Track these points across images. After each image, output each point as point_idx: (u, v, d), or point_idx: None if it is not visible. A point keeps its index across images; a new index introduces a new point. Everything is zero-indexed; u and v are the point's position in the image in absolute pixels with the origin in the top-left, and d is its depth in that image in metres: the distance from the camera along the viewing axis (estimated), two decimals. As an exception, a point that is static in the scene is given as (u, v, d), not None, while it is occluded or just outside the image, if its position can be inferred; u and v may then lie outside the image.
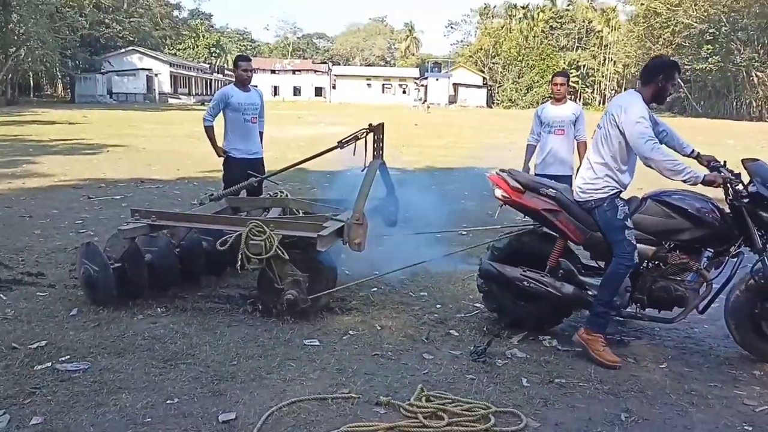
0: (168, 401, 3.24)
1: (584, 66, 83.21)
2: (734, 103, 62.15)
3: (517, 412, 3.20)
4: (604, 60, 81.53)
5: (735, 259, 4.02)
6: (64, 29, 50.39)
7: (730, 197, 3.93)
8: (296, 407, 3.22)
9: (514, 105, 76.08)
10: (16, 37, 46.52)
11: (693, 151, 4.27)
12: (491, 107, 78.32)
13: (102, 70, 59.39)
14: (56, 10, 49.00)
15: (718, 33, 57.73)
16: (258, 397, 3.32)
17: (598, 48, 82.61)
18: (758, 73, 56.94)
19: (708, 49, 58.75)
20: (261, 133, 6.79)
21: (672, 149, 4.30)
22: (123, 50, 63.80)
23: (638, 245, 3.98)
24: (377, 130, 5.18)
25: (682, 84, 64.12)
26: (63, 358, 3.69)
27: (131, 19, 65.90)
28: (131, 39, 66.86)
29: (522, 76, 77.55)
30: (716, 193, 4.03)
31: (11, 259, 5.72)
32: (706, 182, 3.77)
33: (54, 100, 56.64)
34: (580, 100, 78.89)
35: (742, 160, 4.09)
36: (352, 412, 3.20)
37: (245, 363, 3.72)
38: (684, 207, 3.95)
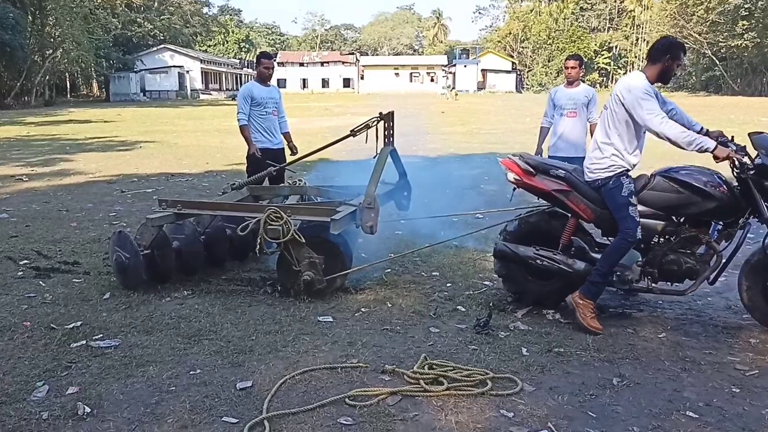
0: (191, 372, 3.53)
1: (616, 47, 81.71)
2: (772, 80, 60.32)
3: (514, 378, 3.41)
4: (637, 40, 79.78)
5: (742, 231, 4.13)
6: (98, 30, 51.62)
7: (737, 170, 4.04)
8: (308, 375, 3.48)
9: (544, 89, 75.17)
10: (52, 40, 47.85)
11: (702, 128, 4.38)
12: (521, 92, 77.58)
13: (135, 69, 60.64)
14: (90, 11, 50.23)
15: (753, 8, 56.00)
16: (273, 367, 3.59)
17: (630, 28, 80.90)
18: (797, 48, 55.16)
19: (743, 24, 57.07)
20: (287, 134, 7.15)
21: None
22: (155, 48, 65.02)
23: (648, 221, 4.13)
24: (388, 118, 5.38)
25: (717, 61, 62.53)
26: (96, 337, 4.01)
27: (162, 18, 67.16)
28: (162, 37, 68.14)
29: (552, 60, 76.60)
30: (723, 167, 4.13)
31: (49, 250, 6.11)
32: (714, 153, 3.89)
33: (90, 100, 58.10)
34: (612, 81, 77.59)
35: (749, 134, 4.19)
36: (359, 380, 3.44)
37: (263, 338, 4.00)
38: (691, 181, 4.07)
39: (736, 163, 3.99)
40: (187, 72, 65.58)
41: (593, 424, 2.99)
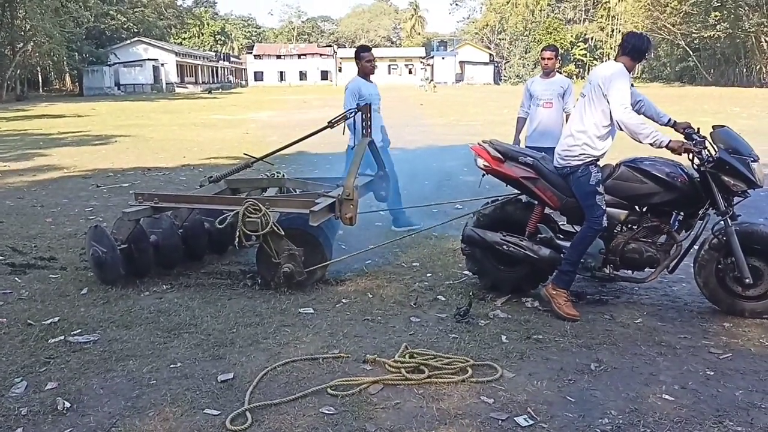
0: (171, 365, 3.51)
1: (592, 38, 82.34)
2: (744, 70, 61.40)
3: (494, 365, 3.45)
4: (612, 31, 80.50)
5: (701, 221, 4.23)
6: (70, 23, 50.66)
7: (697, 163, 4.13)
8: (289, 367, 3.48)
9: (522, 81, 75.51)
10: (22, 33, 46.88)
11: (669, 119, 4.47)
12: (498, 84, 77.93)
13: (109, 63, 59.70)
14: (61, 4, 49.20)
15: (726, -1, 56.88)
16: (254, 359, 3.59)
17: (605, 19, 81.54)
18: (767, 39, 56.12)
19: (716, 15, 57.92)
20: (383, 127, 6.81)
21: (650, 119, 4.50)
22: (128, 42, 64.06)
23: (611, 209, 4.21)
24: (365, 110, 5.39)
25: (691, 52, 63.41)
26: (74, 332, 3.97)
27: (135, 10, 66.12)
28: (136, 30, 67.08)
29: (529, 51, 77.04)
30: (686, 159, 4.21)
31: (25, 246, 6.02)
32: (669, 147, 3.98)
33: (63, 94, 57.13)
34: (588, 72, 78.26)
35: (713, 127, 4.28)
36: (341, 370, 3.45)
37: (243, 330, 3.99)
38: (654, 172, 4.16)
39: (696, 155, 4.07)
40: (162, 65, 64.76)
41: (572, 408, 3.04)
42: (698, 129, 4.30)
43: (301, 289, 4.71)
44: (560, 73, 7.17)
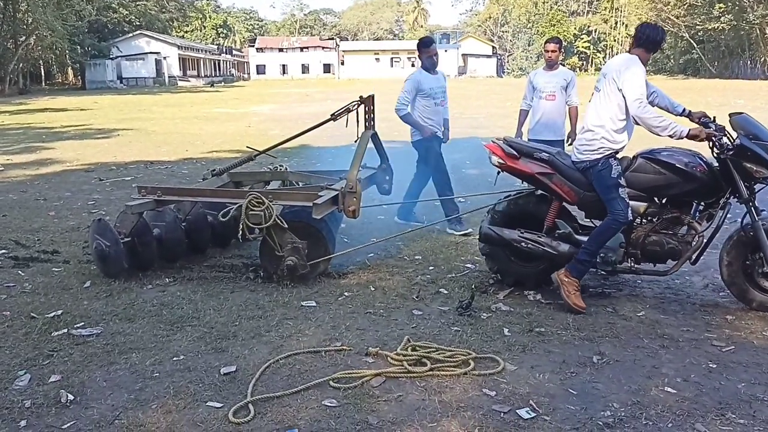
0: (174, 358, 3.52)
1: (596, 30, 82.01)
2: (748, 63, 61.02)
3: (496, 358, 3.45)
4: (616, 24, 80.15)
5: (723, 211, 4.19)
6: (72, 16, 50.50)
7: (717, 151, 4.09)
8: (292, 359, 3.49)
9: (525, 74, 75.25)
10: (24, 26, 46.84)
11: (684, 110, 4.43)
12: (501, 77, 77.68)
13: (111, 56, 59.61)
14: (63, -3, 49.18)
15: (730, -10, 56.52)
16: (257, 352, 3.59)
17: (609, 11, 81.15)
18: (772, 31, 55.78)
19: (720, 7, 57.50)
20: (446, 120, 6.72)
21: (664, 109, 4.47)
22: (131, 35, 63.95)
23: (631, 202, 4.18)
24: (368, 102, 5.37)
25: (695, 44, 63.06)
26: (78, 325, 3.98)
27: (137, 3, 65.94)
28: (138, 23, 66.96)
29: (532, 44, 76.76)
30: (704, 148, 4.19)
31: (28, 239, 6.03)
32: (690, 136, 3.96)
33: (65, 88, 57.08)
34: (591, 65, 77.97)
35: (730, 114, 4.24)
36: (343, 362, 3.46)
37: (246, 323, 4.00)
38: (673, 163, 4.12)
39: (716, 143, 4.04)
40: (165, 58, 64.65)
41: (574, 401, 3.04)
42: (714, 118, 4.26)
43: (304, 282, 4.71)
44: (563, 65, 7.14)
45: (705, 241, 4.21)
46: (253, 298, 4.46)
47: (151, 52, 63.13)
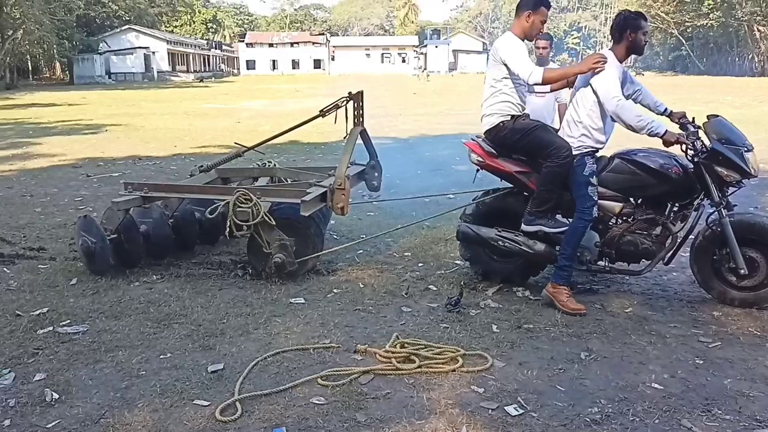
0: (161, 356, 3.50)
1: (585, 27, 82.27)
2: (736, 59, 61.50)
3: (485, 354, 3.45)
4: (606, 20, 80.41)
5: (696, 212, 4.23)
6: (60, 10, 50.08)
7: (691, 153, 4.12)
8: (280, 357, 3.47)
9: (514, 70, 75.29)
10: (12, 20, 46.37)
11: (666, 109, 4.45)
12: (492, 73, 77.62)
13: (99, 51, 59.15)
14: (51, -9, 48.70)
15: (719, -13, 56.88)
16: (245, 349, 3.57)
17: (599, 8, 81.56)
18: (760, 28, 56.23)
19: (709, 4, 57.91)
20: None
21: (646, 107, 4.49)
22: (119, 29, 63.54)
23: (607, 202, 4.20)
24: (357, 98, 5.34)
25: (684, 41, 63.39)
26: (63, 323, 3.95)
27: (126, -3, 65.45)
28: (127, 18, 66.47)
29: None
30: (681, 150, 4.20)
31: (14, 236, 5.97)
32: (664, 138, 3.97)
33: (53, 83, 56.60)
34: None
35: (707, 117, 4.27)
36: (332, 360, 3.45)
37: (234, 321, 3.98)
38: (648, 163, 4.15)
39: (690, 146, 4.07)
40: (153, 53, 64.28)
41: (562, 397, 3.05)
42: (693, 119, 4.29)
43: (292, 280, 4.69)
44: (554, 62, 7.14)
45: (679, 241, 4.24)
46: (241, 295, 4.44)
47: (140, 47, 62.74)
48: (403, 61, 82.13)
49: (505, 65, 4.26)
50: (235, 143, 6.12)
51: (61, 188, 8.51)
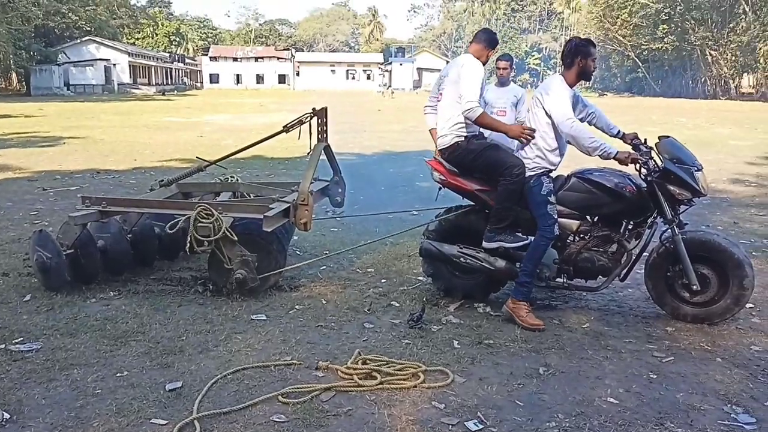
0: (117, 374, 3.43)
1: (546, 48, 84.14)
2: (690, 82, 63.65)
3: (446, 370, 3.48)
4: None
5: (650, 230, 4.36)
6: (17, 20, 49.00)
7: (644, 173, 4.25)
8: (240, 375, 3.44)
9: (477, 88, 76.31)
10: (-34, 29, 45.19)
11: (619, 131, 4.59)
12: (455, 91, 78.58)
13: (58, 62, 57.93)
14: (8, 0, 47.59)
15: (673, 12, 58.91)
16: (204, 367, 3.53)
17: (559, 30, 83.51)
18: (712, 52, 58.36)
19: (664, 28, 59.94)
20: None
21: (600, 130, 4.63)
22: (79, 41, 62.36)
23: (564, 220, 4.30)
24: (321, 114, 5.37)
25: (640, 64, 65.32)
26: (16, 340, 3.84)
27: (87, 8, 64.34)
28: (88, 29, 65.33)
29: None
30: (634, 170, 4.33)
31: (-36, 251, 5.79)
32: (617, 158, 4.10)
33: (9, 94, 55.07)
34: (542, 81, 79.73)
35: (658, 137, 4.43)
36: (293, 377, 3.43)
37: (193, 338, 3.93)
38: (604, 182, 4.27)
39: (643, 166, 4.20)
40: (114, 65, 63.28)
41: (520, 412, 3.09)
42: (645, 140, 4.43)
43: (254, 296, 4.66)
44: (515, 82, 7.30)
45: (634, 258, 4.37)
46: (201, 311, 4.38)
47: (100, 59, 61.66)
48: (368, 77, 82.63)
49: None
50: (197, 157, 6.08)
51: (16, 202, 8.29)
